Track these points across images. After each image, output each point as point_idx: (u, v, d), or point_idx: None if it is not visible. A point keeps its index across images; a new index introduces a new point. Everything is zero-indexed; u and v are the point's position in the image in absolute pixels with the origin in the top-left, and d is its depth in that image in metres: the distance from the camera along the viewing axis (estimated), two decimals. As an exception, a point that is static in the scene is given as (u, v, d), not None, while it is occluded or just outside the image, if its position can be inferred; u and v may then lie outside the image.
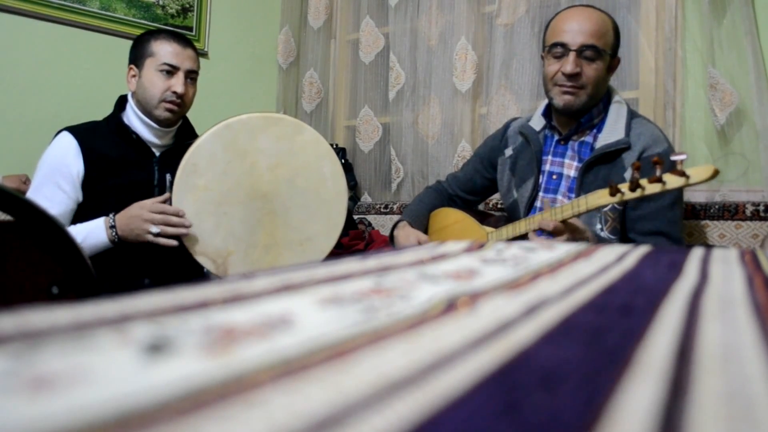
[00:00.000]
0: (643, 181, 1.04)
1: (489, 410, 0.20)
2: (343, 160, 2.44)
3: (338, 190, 1.45)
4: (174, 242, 1.34)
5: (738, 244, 1.51)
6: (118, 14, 2.13)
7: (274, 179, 1.41)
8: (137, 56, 1.49)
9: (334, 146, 2.46)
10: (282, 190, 1.41)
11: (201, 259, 1.36)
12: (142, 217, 1.33)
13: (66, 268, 0.82)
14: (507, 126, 1.58)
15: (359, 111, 2.46)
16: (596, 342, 0.29)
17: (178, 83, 1.45)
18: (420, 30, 2.26)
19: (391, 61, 2.33)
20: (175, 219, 1.33)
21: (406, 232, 1.51)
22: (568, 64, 1.30)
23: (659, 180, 1.02)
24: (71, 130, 1.44)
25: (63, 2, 1.99)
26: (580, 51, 1.30)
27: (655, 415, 0.20)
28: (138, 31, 2.22)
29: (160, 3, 2.26)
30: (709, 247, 0.84)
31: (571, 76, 1.31)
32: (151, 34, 1.50)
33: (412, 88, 2.28)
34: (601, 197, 1.11)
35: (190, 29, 2.35)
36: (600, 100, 1.37)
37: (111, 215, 1.36)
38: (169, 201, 1.36)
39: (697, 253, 0.66)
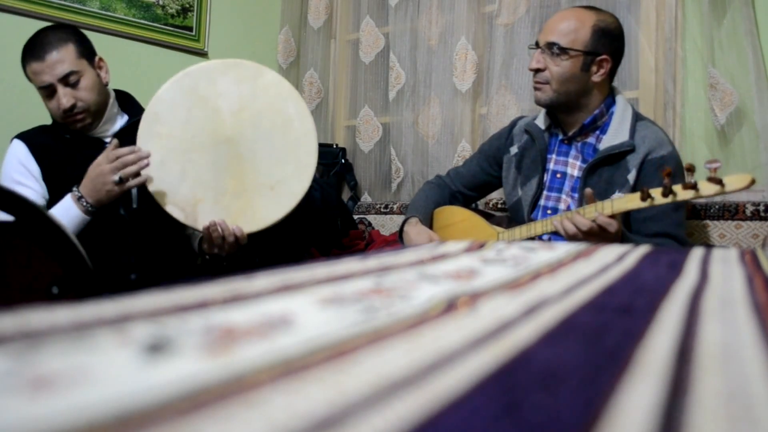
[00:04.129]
0: (677, 188, 1.03)
1: (489, 410, 0.20)
2: (343, 160, 2.44)
3: (306, 130, 1.40)
4: (142, 179, 1.30)
5: (738, 244, 1.51)
6: (118, 14, 2.13)
7: (237, 123, 1.38)
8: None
9: (335, 146, 2.46)
10: (247, 134, 1.38)
11: (169, 209, 1.34)
12: (100, 171, 1.29)
13: (66, 268, 0.82)
14: (513, 124, 1.58)
15: (359, 111, 2.46)
16: (596, 342, 0.29)
17: (60, 99, 1.37)
18: (420, 30, 2.26)
19: (391, 61, 2.33)
20: (131, 157, 1.28)
21: (417, 230, 1.51)
22: (532, 61, 1.37)
23: (693, 187, 1.00)
24: (19, 135, 1.46)
25: (63, 2, 1.99)
26: (546, 47, 1.34)
27: (655, 415, 0.20)
28: (138, 31, 2.23)
29: (160, 3, 2.26)
30: (709, 247, 0.84)
31: (535, 72, 1.36)
32: (22, 57, 1.43)
33: (412, 88, 2.28)
34: (629, 201, 1.10)
35: (190, 29, 2.35)
36: (582, 97, 1.36)
37: (74, 188, 1.32)
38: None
39: (697, 253, 0.66)
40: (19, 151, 1.43)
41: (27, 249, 0.82)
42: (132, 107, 1.56)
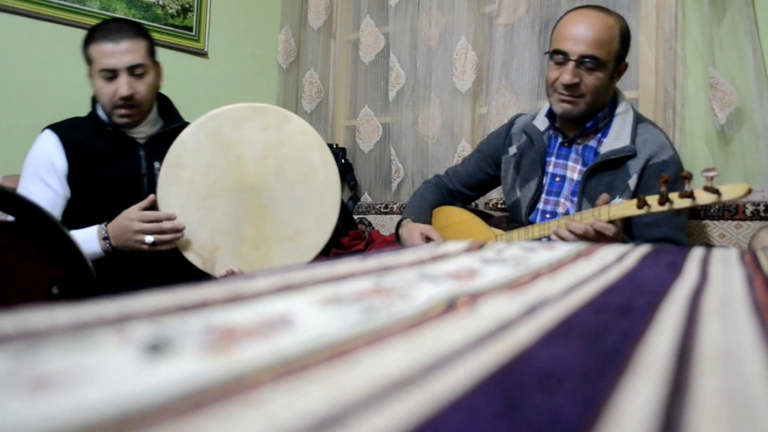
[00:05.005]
0: (673, 195, 1.03)
1: (489, 410, 0.20)
2: (343, 160, 2.44)
3: (329, 181, 1.38)
4: (172, 246, 1.32)
5: (738, 244, 1.51)
6: (118, 14, 2.13)
7: (261, 170, 1.36)
8: (86, 59, 1.43)
9: (334, 146, 2.46)
10: (270, 182, 1.36)
11: (188, 255, 1.34)
12: (133, 228, 1.30)
13: (66, 268, 0.82)
14: (511, 123, 1.55)
15: (359, 111, 2.46)
16: (596, 342, 0.29)
17: (121, 86, 1.36)
18: (420, 30, 2.26)
19: (391, 61, 2.33)
20: (167, 225, 1.30)
21: (408, 229, 1.49)
22: (566, 74, 1.27)
23: (690, 195, 1.01)
24: (52, 126, 1.43)
25: (63, 2, 1.99)
26: (581, 61, 1.27)
27: (655, 415, 0.20)
28: (138, 31, 2.23)
29: (160, 3, 2.26)
30: (709, 247, 0.84)
31: (570, 86, 1.28)
32: (90, 35, 1.41)
33: (412, 88, 2.28)
34: (626, 208, 1.10)
35: (190, 29, 2.35)
36: (605, 105, 1.34)
37: (104, 226, 1.33)
38: (155, 204, 1.33)
39: (697, 253, 0.66)
40: (51, 145, 1.40)
41: (27, 249, 0.82)
42: (169, 113, 1.55)
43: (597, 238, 1.13)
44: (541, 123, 1.44)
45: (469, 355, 0.26)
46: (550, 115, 1.42)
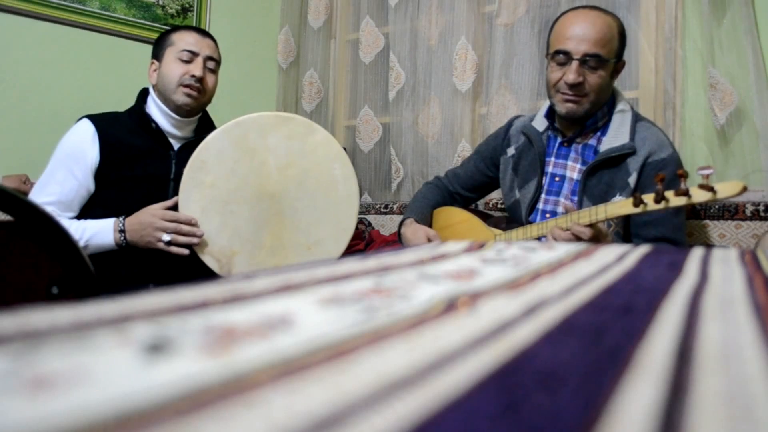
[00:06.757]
0: (669, 194, 1.03)
1: (489, 410, 0.20)
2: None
3: (349, 193, 1.42)
4: (185, 251, 1.34)
5: (738, 244, 1.51)
6: (118, 14, 2.14)
7: (282, 179, 1.38)
8: (159, 50, 1.51)
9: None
10: (291, 191, 1.39)
11: (205, 258, 1.35)
12: (153, 225, 1.33)
13: (66, 268, 0.82)
14: (510, 124, 1.56)
15: (359, 111, 2.46)
16: (596, 342, 0.28)
17: (196, 67, 1.46)
18: (420, 30, 2.26)
19: (391, 61, 2.33)
20: (186, 228, 1.32)
21: (413, 229, 1.50)
22: (571, 74, 1.28)
23: (685, 193, 1.01)
24: (91, 117, 1.45)
25: (63, 2, 1.99)
26: (583, 60, 1.28)
27: (655, 415, 0.20)
28: (138, 31, 2.23)
29: (160, 3, 2.26)
30: (709, 247, 0.84)
31: (574, 86, 1.29)
32: (171, 29, 1.54)
33: (412, 88, 2.28)
34: (622, 206, 1.10)
35: (190, 29, 2.35)
36: (605, 104, 1.35)
37: (121, 219, 1.36)
38: (176, 206, 1.35)
39: (697, 253, 0.66)
40: (86, 135, 1.41)
41: (27, 249, 0.82)
42: (204, 125, 1.58)
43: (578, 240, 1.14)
44: (540, 124, 1.45)
45: (469, 355, 0.26)
46: (549, 115, 1.43)
